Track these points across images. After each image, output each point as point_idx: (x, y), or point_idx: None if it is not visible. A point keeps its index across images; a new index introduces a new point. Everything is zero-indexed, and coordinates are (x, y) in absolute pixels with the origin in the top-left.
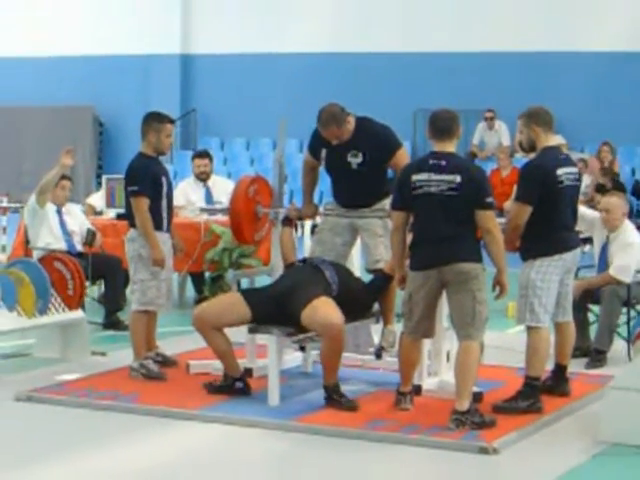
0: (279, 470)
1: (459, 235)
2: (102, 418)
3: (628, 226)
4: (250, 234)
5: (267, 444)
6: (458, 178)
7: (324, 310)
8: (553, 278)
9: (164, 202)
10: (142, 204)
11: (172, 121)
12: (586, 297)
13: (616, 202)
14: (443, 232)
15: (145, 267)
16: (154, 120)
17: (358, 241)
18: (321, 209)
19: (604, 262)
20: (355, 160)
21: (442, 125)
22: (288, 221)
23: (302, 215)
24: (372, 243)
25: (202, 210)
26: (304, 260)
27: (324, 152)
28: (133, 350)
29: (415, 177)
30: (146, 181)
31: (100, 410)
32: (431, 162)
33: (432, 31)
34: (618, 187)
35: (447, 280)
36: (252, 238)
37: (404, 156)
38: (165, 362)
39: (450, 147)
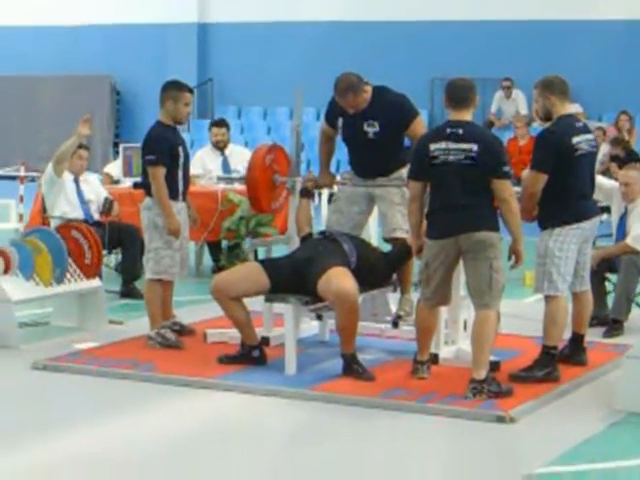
0: (295, 438)
1: (476, 204)
2: (119, 387)
3: None
4: (267, 203)
5: (283, 413)
6: (475, 147)
7: (338, 280)
8: (571, 247)
9: (180, 172)
10: (159, 173)
11: (191, 90)
12: (604, 266)
13: (636, 175)
14: (460, 201)
15: (160, 236)
16: (172, 88)
17: (375, 210)
18: (338, 178)
19: (622, 232)
20: (372, 129)
21: (459, 94)
22: (306, 192)
23: (319, 184)
24: (389, 212)
25: (219, 179)
26: (323, 233)
27: (341, 121)
28: (149, 319)
29: (433, 146)
30: (163, 150)
31: (117, 379)
32: (448, 131)
33: None
34: (631, 156)
35: (464, 249)
36: (269, 207)
37: (421, 125)
38: (182, 331)
39: (467, 116)
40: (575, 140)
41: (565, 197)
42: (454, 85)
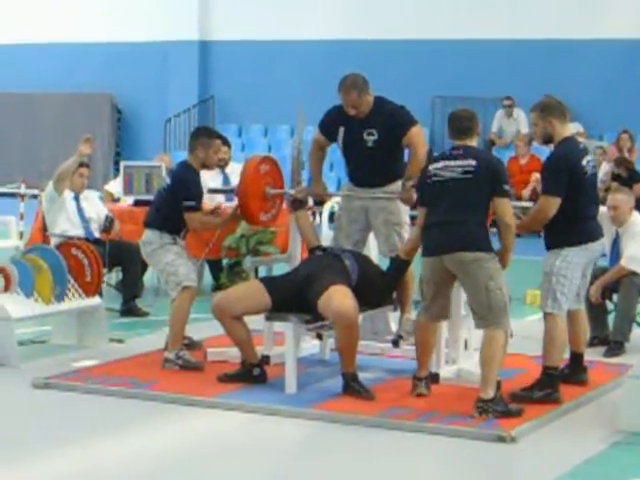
0: (296, 457)
1: (464, 220)
2: (119, 405)
3: (637, 217)
4: (256, 211)
5: (283, 431)
6: (474, 162)
7: (338, 299)
8: (577, 268)
9: None
10: (197, 217)
11: (221, 137)
12: (604, 289)
13: (623, 198)
14: (449, 217)
15: (168, 252)
16: (203, 135)
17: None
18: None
19: (616, 256)
20: (371, 137)
21: (460, 125)
22: (299, 204)
23: (311, 194)
24: (385, 232)
25: (210, 190)
26: (324, 249)
27: (342, 131)
28: (170, 339)
29: (432, 167)
30: (200, 196)
31: (117, 397)
32: (448, 153)
33: (449, 18)
34: (634, 176)
35: (450, 269)
36: (258, 217)
37: (418, 133)
38: (191, 345)
39: (470, 143)
40: (584, 162)
41: (574, 218)
42: (455, 117)
